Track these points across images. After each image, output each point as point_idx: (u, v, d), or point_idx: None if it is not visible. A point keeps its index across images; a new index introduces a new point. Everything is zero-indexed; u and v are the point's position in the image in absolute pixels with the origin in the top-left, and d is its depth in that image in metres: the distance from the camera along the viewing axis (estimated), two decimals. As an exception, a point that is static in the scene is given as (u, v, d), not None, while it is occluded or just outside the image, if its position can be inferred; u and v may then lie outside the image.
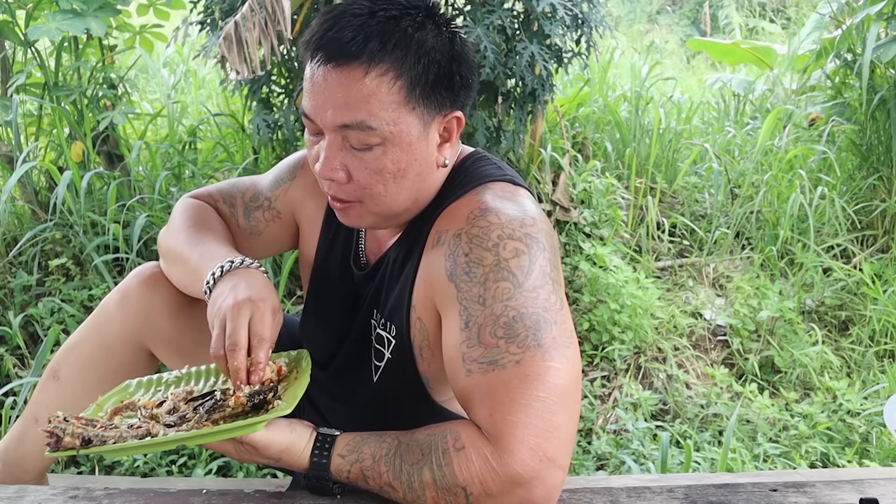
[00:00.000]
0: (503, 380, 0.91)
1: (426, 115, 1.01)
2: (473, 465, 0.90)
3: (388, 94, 0.97)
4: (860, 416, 2.27)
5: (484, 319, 0.94)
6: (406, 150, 1.00)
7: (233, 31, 2.19)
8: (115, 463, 1.99)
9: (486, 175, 1.08)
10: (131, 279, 1.30)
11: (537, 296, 0.95)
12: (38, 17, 2.74)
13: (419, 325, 1.08)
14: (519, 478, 0.88)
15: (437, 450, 0.93)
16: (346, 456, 0.98)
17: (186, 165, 3.00)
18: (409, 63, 0.98)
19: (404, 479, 0.94)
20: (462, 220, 1.01)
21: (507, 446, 0.89)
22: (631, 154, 3.33)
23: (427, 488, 0.92)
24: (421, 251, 1.07)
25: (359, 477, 0.97)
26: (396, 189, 1.03)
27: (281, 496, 1.04)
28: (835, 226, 3.08)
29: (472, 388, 0.94)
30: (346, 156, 1.01)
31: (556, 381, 0.91)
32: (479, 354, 0.93)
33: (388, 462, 0.95)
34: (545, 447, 0.89)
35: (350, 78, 0.97)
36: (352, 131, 0.98)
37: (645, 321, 2.58)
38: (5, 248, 2.61)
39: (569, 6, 2.50)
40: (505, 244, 0.96)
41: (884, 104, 3.16)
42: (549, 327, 0.93)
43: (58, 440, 0.91)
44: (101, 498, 1.03)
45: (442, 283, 1.00)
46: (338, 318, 1.25)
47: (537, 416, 0.89)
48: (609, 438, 2.18)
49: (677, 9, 9.73)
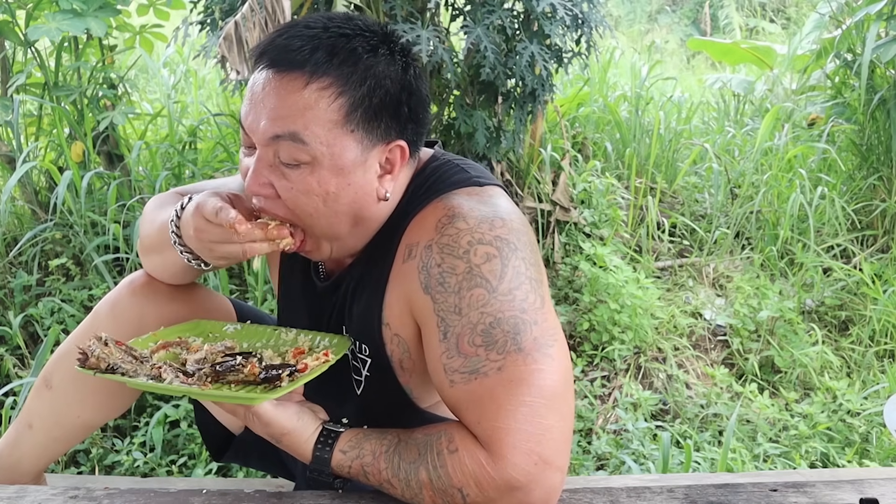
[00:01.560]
0: (487, 388, 0.90)
1: (366, 140, 0.97)
2: (468, 469, 0.90)
3: (326, 110, 0.94)
4: (860, 416, 2.27)
5: (461, 329, 0.93)
6: (337, 174, 0.96)
7: (233, 30, 2.19)
8: (115, 463, 1.99)
9: (451, 182, 1.04)
10: (122, 288, 1.29)
11: (513, 298, 0.93)
12: (38, 17, 2.74)
13: (396, 340, 1.06)
14: (515, 482, 0.88)
15: (433, 450, 0.93)
16: (347, 451, 0.98)
17: (186, 165, 3.00)
18: (353, 82, 0.95)
19: (402, 477, 0.94)
20: (431, 230, 0.98)
21: (500, 452, 0.88)
22: (631, 154, 3.33)
23: (424, 487, 0.93)
24: (389, 267, 1.04)
25: (359, 472, 0.98)
26: (328, 213, 0.99)
27: (281, 496, 1.04)
28: (835, 226, 3.08)
29: (459, 398, 0.93)
30: (273, 172, 0.98)
31: (542, 382, 0.90)
32: (459, 364, 0.93)
33: (388, 459, 0.95)
34: (539, 450, 0.88)
35: (289, 87, 0.94)
36: (283, 142, 0.95)
37: (645, 321, 2.58)
38: (5, 248, 2.61)
39: (569, 6, 2.50)
40: (475, 250, 0.94)
41: (884, 104, 3.16)
42: (529, 329, 0.92)
43: (86, 358, 0.98)
44: (101, 498, 1.03)
45: (418, 297, 0.98)
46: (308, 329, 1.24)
47: (526, 420, 0.89)
48: (609, 438, 2.18)
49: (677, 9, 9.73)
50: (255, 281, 2.50)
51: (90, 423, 1.37)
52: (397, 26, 2.31)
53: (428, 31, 2.35)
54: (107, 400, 1.34)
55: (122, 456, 1.98)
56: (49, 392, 1.33)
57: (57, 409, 1.33)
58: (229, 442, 1.44)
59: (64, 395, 1.33)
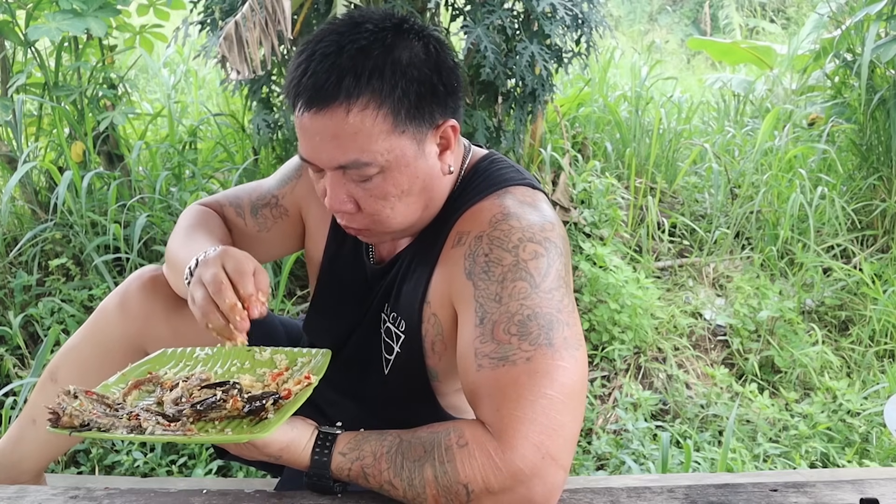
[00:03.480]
0: (513, 376, 0.92)
1: (418, 133, 1.00)
2: (476, 462, 0.90)
3: (374, 126, 0.97)
4: (860, 416, 2.27)
5: (499, 316, 0.95)
6: (405, 172, 1.01)
7: (233, 30, 2.19)
8: (115, 463, 1.99)
9: (505, 179, 1.09)
10: (131, 282, 1.30)
11: (552, 297, 0.97)
12: (38, 17, 2.74)
13: (433, 320, 1.09)
14: (520, 474, 0.89)
15: (440, 446, 0.93)
16: (346, 454, 0.98)
17: (186, 165, 3.00)
18: (387, 89, 0.97)
19: (405, 477, 0.94)
20: (484, 223, 1.02)
21: (511, 441, 0.90)
22: (631, 154, 3.33)
23: (428, 486, 0.92)
24: (439, 250, 1.08)
25: (359, 475, 0.97)
26: (404, 207, 1.04)
27: (281, 496, 1.04)
28: (835, 226, 3.08)
29: (482, 383, 0.95)
30: (350, 188, 1.02)
31: (564, 380, 0.93)
32: (491, 350, 0.95)
33: (390, 459, 0.95)
34: (548, 445, 0.90)
35: (333, 119, 0.96)
36: (350, 169, 0.99)
37: (645, 321, 2.58)
38: (5, 248, 2.61)
39: (569, 6, 2.50)
40: (525, 246, 0.99)
41: (883, 104, 3.16)
42: (562, 328, 0.95)
43: (57, 417, 0.93)
44: (101, 498, 1.03)
45: (460, 281, 1.02)
46: (347, 313, 1.25)
47: (543, 413, 0.91)
48: (609, 438, 2.18)
49: (677, 9, 9.73)
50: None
51: None
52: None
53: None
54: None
55: (122, 456, 1.98)
56: (54, 386, 1.33)
57: None
58: None
59: None
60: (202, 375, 1.05)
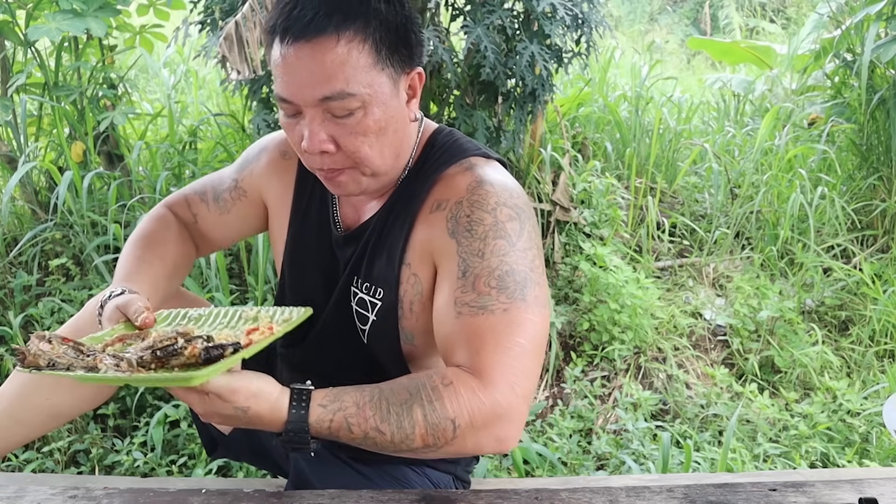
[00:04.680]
0: (490, 323, 1.02)
1: (394, 73, 1.07)
2: (462, 398, 0.98)
3: (359, 58, 1.03)
4: (860, 416, 2.27)
5: (480, 270, 1.05)
6: (383, 109, 1.06)
7: (233, 30, 2.19)
8: (115, 463, 1.99)
9: (465, 149, 1.17)
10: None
11: (526, 256, 1.07)
12: (39, 17, 2.74)
13: (413, 280, 1.15)
14: (500, 408, 0.99)
15: (426, 388, 0.99)
16: (327, 406, 0.98)
17: (187, 165, 3.00)
18: (371, 27, 1.03)
19: (393, 420, 0.98)
20: (461, 189, 1.11)
21: (491, 380, 0.99)
22: (631, 154, 3.33)
23: (417, 425, 0.97)
24: (414, 215, 1.14)
25: (341, 426, 0.98)
26: (380, 147, 1.09)
27: (281, 496, 1.04)
28: (835, 226, 3.08)
29: (461, 329, 1.04)
30: (330, 126, 1.05)
31: (534, 332, 1.03)
32: (471, 299, 1.04)
33: (374, 406, 0.98)
34: (521, 385, 1.01)
35: (322, 49, 1.01)
36: (333, 102, 1.03)
37: (645, 321, 2.58)
38: (6, 248, 2.61)
39: (569, 6, 2.50)
40: (501, 209, 1.08)
41: (883, 104, 3.16)
42: (534, 286, 1.06)
43: (24, 357, 0.96)
44: (100, 498, 1.03)
45: (442, 239, 1.09)
46: (316, 287, 1.27)
47: (517, 358, 1.01)
48: (609, 438, 2.18)
49: (677, 9, 9.73)
50: (256, 281, 2.51)
51: (59, 411, 1.37)
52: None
53: (428, 31, 2.35)
54: (79, 385, 1.35)
55: (122, 456, 1.98)
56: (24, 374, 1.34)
57: (28, 389, 1.34)
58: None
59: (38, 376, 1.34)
60: (181, 329, 1.04)
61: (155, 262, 1.31)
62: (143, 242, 1.33)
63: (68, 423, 2.01)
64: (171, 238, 1.36)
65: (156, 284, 1.27)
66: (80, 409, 1.41)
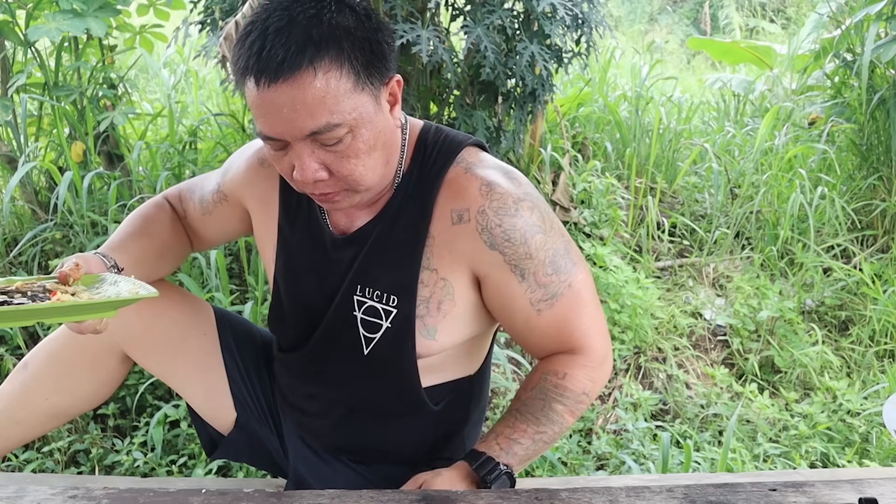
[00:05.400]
0: (565, 304, 1.18)
1: (373, 90, 1.06)
2: (579, 377, 1.20)
3: (338, 87, 1.01)
4: (860, 416, 2.27)
5: (536, 268, 1.15)
6: (370, 128, 1.06)
7: (233, 30, 2.19)
8: (115, 463, 1.99)
9: (456, 143, 1.19)
10: None
11: (554, 231, 1.17)
12: (38, 17, 2.74)
13: (442, 283, 1.18)
14: (602, 358, 1.23)
15: (550, 390, 1.19)
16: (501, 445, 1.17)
17: (187, 165, 3.00)
18: (345, 52, 1.01)
19: (544, 421, 1.19)
20: (475, 196, 1.14)
21: (591, 345, 1.21)
22: (631, 154, 3.33)
23: (563, 415, 1.20)
24: (427, 224, 1.16)
25: (516, 453, 1.17)
26: (372, 163, 1.09)
27: (280, 496, 1.04)
28: (835, 226, 3.08)
29: (547, 323, 1.19)
30: (320, 155, 1.04)
31: (590, 284, 1.21)
32: (542, 294, 1.17)
33: (524, 420, 1.18)
34: (602, 328, 1.24)
35: (302, 86, 0.99)
36: (321, 135, 1.02)
37: (645, 321, 2.58)
38: (5, 248, 2.61)
39: (569, 6, 2.50)
40: (521, 205, 1.14)
41: (883, 104, 3.16)
42: (572, 249, 1.20)
43: None
44: (100, 498, 1.03)
45: (483, 253, 1.15)
46: (312, 292, 1.26)
47: (592, 314, 1.22)
48: (609, 438, 2.18)
49: (677, 9, 9.73)
50: (255, 281, 2.50)
51: (58, 411, 1.38)
52: (397, 26, 2.31)
53: (428, 31, 2.35)
54: (78, 386, 1.36)
55: (122, 456, 1.98)
56: (23, 373, 1.36)
57: (27, 388, 1.35)
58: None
59: (37, 375, 1.35)
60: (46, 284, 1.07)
61: (143, 237, 1.31)
62: (136, 219, 1.35)
63: (68, 423, 2.01)
64: (165, 222, 1.37)
65: (140, 259, 1.27)
66: (79, 409, 1.41)
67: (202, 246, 1.46)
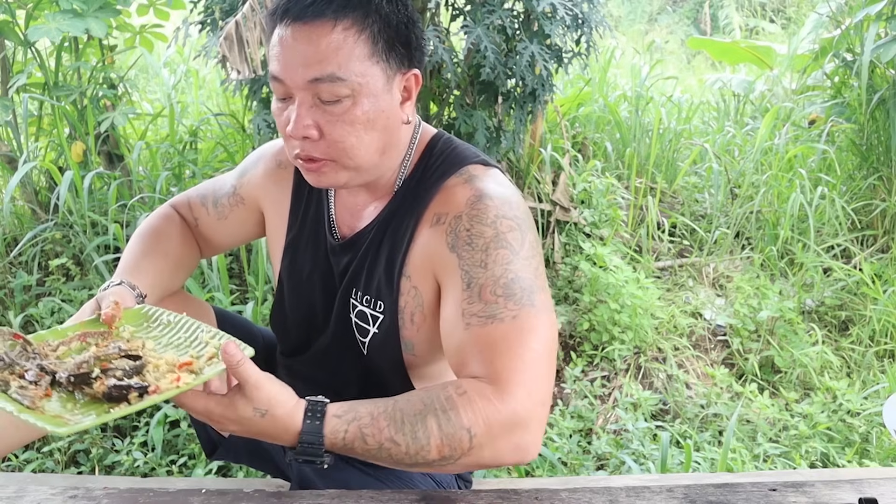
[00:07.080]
0: (501, 332, 1.00)
1: (388, 69, 1.07)
2: (477, 406, 0.96)
3: (354, 46, 1.03)
4: (860, 416, 2.27)
5: (485, 280, 1.04)
6: (373, 101, 1.06)
7: (234, 30, 2.19)
8: (115, 463, 1.99)
9: (464, 157, 1.16)
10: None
11: (530, 264, 1.06)
12: (39, 17, 2.75)
13: (414, 292, 1.14)
14: (517, 416, 0.96)
15: (440, 398, 0.97)
16: (341, 416, 0.97)
17: (187, 165, 3.00)
18: (370, 20, 1.04)
19: (408, 431, 0.96)
20: (461, 204, 1.10)
21: (508, 388, 0.97)
22: (631, 154, 3.33)
23: (432, 436, 0.95)
24: (413, 228, 1.14)
25: (356, 436, 0.96)
26: (368, 140, 1.08)
27: (280, 496, 1.04)
28: (835, 226, 3.08)
29: (471, 340, 1.02)
30: (316, 112, 1.05)
31: (545, 336, 1.02)
32: (479, 309, 1.02)
33: (388, 417, 0.96)
34: (538, 391, 0.98)
35: (318, 33, 1.02)
36: (322, 84, 1.03)
37: (645, 321, 2.58)
38: (6, 248, 2.61)
39: (569, 6, 2.50)
40: (501, 221, 1.07)
41: (883, 104, 3.16)
42: (539, 292, 1.04)
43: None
44: (100, 498, 1.03)
45: (443, 254, 1.09)
46: (314, 296, 1.27)
47: (531, 364, 0.99)
48: (609, 438, 2.18)
49: (677, 9, 9.73)
50: (256, 281, 2.51)
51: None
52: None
53: (428, 30, 2.35)
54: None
55: (122, 456, 1.98)
56: None
57: None
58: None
59: None
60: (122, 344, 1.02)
61: (158, 256, 1.32)
62: (148, 237, 1.35)
63: (68, 423, 2.00)
64: (176, 234, 1.38)
65: (158, 278, 1.27)
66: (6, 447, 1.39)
67: (212, 252, 1.46)
